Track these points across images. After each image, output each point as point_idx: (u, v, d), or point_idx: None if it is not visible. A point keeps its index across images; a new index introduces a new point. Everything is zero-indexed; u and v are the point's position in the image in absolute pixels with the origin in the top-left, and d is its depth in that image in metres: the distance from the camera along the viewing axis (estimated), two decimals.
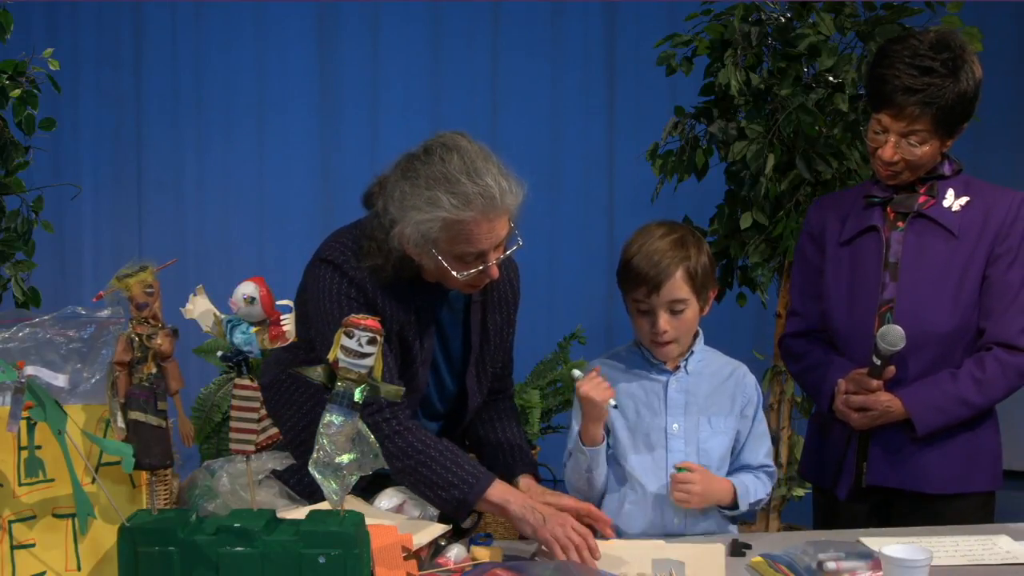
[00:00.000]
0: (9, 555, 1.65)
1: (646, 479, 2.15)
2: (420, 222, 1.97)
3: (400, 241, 2.01)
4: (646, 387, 2.17)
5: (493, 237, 2.00)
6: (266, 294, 1.63)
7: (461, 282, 2.04)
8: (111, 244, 5.38)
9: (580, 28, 5.46)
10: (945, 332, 2.24)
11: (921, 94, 2.16)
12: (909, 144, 2.22)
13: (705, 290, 2.14)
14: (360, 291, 2.06)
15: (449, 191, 1.95)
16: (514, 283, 2.30)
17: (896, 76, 2.18)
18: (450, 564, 1.88)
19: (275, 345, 1.67)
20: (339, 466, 1.64)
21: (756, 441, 2.20)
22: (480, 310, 2.23)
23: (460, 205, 1.94)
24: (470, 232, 1.97)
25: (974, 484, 2.30)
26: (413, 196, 1.98)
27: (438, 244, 1.99)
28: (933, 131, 2.20)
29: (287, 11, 5.33)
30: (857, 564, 1.84)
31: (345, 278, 2.07)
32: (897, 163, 2.25)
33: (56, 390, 1.68)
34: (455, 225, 1.96)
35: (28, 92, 3.29)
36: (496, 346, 2.27)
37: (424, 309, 2.13)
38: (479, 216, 1.96)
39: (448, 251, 1.99)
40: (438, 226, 1.96)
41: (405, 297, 2.10)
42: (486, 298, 2.23)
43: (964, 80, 2.17)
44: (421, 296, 2.12)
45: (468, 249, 1.99)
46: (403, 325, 2.10)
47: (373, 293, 2.06)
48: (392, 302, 2.08)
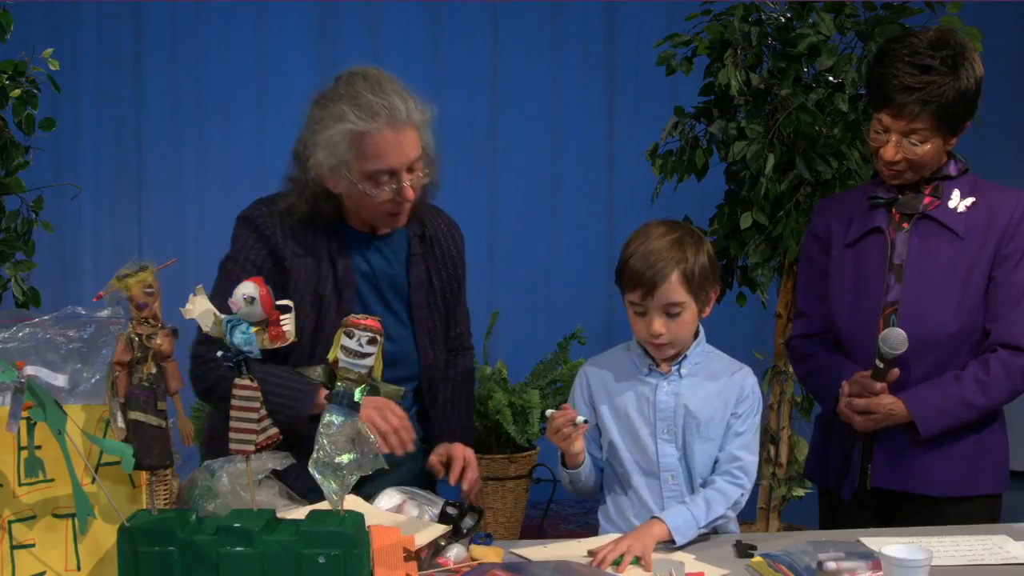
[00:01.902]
0: (9, 555, 1.65)
1: (639, 483, 2.14)
2: (329, 139, 2.04)
3: (316, 171, 2.08)
4: (637, 391, 2.16)
5: (401, 154, 2.05)
6: (266, 294, 1.63)
7: (379, 209, 2.10)
8: (111, 244, 5.38)
9: (580, 28, 5.47)
10: (950, 334, 2.23)
11: (921, 92, 2.15)
12: (911, 143, 2.21)
13: (704, 291, 2.11)
14: (266, 243, 2.13)
15: (353, 104, 2.03)
16: (456, 239, 2.34)
17: (895, 75, 2.17)
18: (450, 564, 1.88)
19: (275, 345, 1.67)
20: (339, 466, 1.64)
21: (732, 437, 2.13)
22: (422, 263, 2.25)
23: (365, 116, 2.01)
24: (377, 146, 2.03)
25: (979, 487, 2.28)
26: (322, 118, 2.06)
27: (349, 164, 2.05)
28: (934, 130, 2.19)
29: (287, 11, 5.33)
30: (857, 564, 1.84)
31: (255, 233, 2.14)
32: (899, 163, 2.24)
33: (56, 390, 1.68)
34: (362, 138, 2.02)
35: (28, 92, 3.29)
36: (446, 302, 2.29)
37: (344, 259, 2.16)
38: (384, 127, 2.02)
39: (360, 170, 2.05)
40: (346, 141, 2.03)
41: (321, 248, 2.15)
42: (427, 251, 2.26)
43: (964, 78, 2.17)
44: (342, 247, 2.16)
45: (378, 166, 2.04)
46: (317, 277, 2.14)
47: (283, 245, 2.12)
48: (303, 254, 2.14)
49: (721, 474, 2.12)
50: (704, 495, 2.08)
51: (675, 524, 2.02)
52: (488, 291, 5.45)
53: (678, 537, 2.01)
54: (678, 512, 2.04)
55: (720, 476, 2.12)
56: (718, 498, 2.08)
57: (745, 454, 2.13)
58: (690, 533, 2.03)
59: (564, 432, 2.05)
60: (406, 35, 5.39)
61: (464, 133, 5.46)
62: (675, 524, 2.02)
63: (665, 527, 2.01)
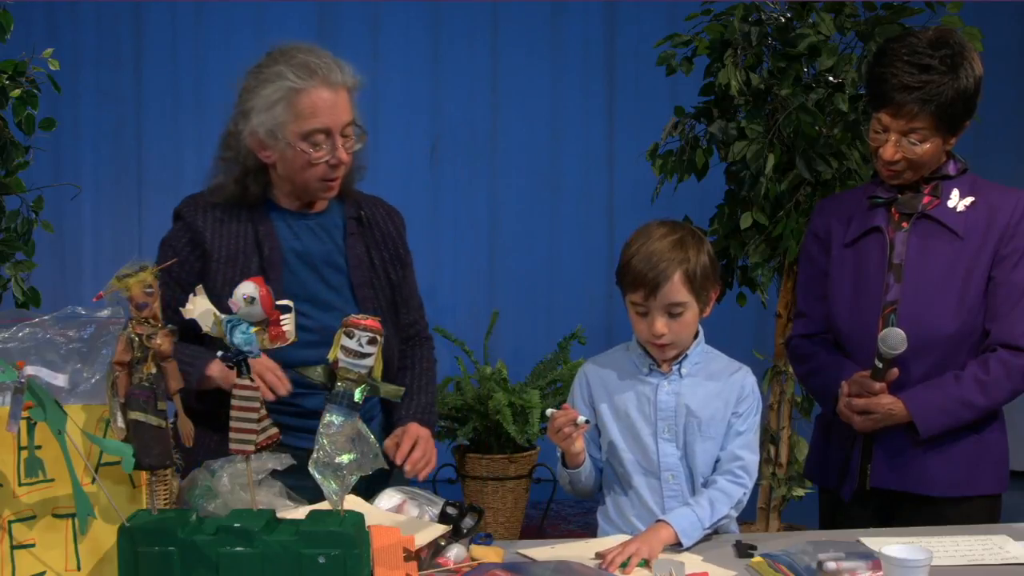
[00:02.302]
0: (9, 555, 1.65)
1: (639, 483, 2.14)
2: (267, 100, 2.09)
3: (251, 140, 2.13)
4: (637, 391, 2.16)
5: (337, 114, 2.11)
6: (266, 294, 1.63)
7: (314, 174, 2.13)
8: (111, 244, 5.38)
9: (580, 28, 5.47)
10: (949, 334, 2.23)
11: (920, 91, 2.15)
12: (910, 143, 2.21)
13: (705, 291, 2.11)
14: (188, 230, 2.18)
15: (291, 64, 2.10)
16: (396, 222, 2.36)
17: (895, 74, 2.17)
18: (450, 564, 1.88)
19: (275, 345, 1.67)
20: (339, 466, 1.64)
21: (733, 437, 2.14)
22: (361, 243, 2.27)
23: (303, 75, 2.08)
24: (314, 104, 2.08)
25: (979, 487, 2.28)
26: (258, 84, 2.11)
27: (286, 125, 2.09)
28: (934, 129, 2.19)
29: (287, 11, 5.33)
30: (857, 564, 1.84)
31: (180, 222, 2.22)
32: (899, 162, 2.24)
33: (56, 390, 1.67)
34: (299, 96, 2.08)
35: (28, 92, 3.29)
36: (391, 283, 2.29)
37: (271, 240, 2.18)
38: (320, 86, 2.09)
39: (296, 130, 2.09)
40: (284, 101, 2.08)
41: (245, 230, 2.18)
42: (364, 232, 2.28)
43: (964, 77, 2.17)
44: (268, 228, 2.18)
45: (314, 125, 2.09)
46: (240, 258, 2.16)
47: (203, 228, 2.17)
48: (225, 237, 2.17)
49: (723, 473, 2.12)
50: (707, 496, 2.08)
51: (681, 527, 2.02)
52: (488, 291, 5.45)
53: (684, 540, 2.01)
54: (683, 514, 2.04)
55: (722, 476, 2.12)
56: (721, 498, 2.08)
57: (746, 453, 2.13)
58: (696, 535, 2.03)
59: (565, 432, 2.05)
60: (406, 35, 5.39)
61: (464, 133, 5.46)
62: (681, 527, 2.02)
63: (672, 530, 2.01)
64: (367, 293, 2.24)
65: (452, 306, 5.39)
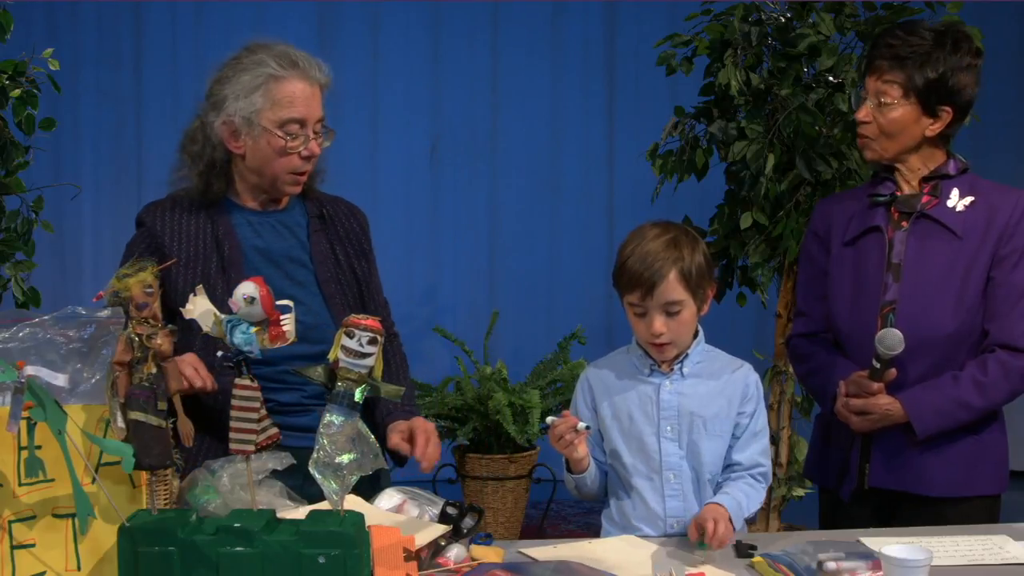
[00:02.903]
0: (9, 555, 1.65)
1: (641, 483, 2.14)
2: (246, 86, 2.12)
3: (223, 128, 2.15)
4: (640, 391, 2.16)
5: (313, 106, 2.15)
6: (266, 294, 1.63)
7: (286, 166, 2.16)
8: (111, 244, 5.38)
9: (580, 28, 5.47)
10: (948, 334, 2.23)
11: (896, 48, 2.22)
12: (882, 103, 2.24)
13: (702, 289, 2.11)
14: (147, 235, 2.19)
15: (271, 54, 2.14)
16: (359, 219, 2.38)
17: (883, 39, 2.26)
18: (450, 564, 1.88)
19: (275, 345, 1.67)
20: (339, 466, 1.64)
21: (750, 438, 2.16)
22: (324, 240, 2.28)
23: (284, 64, 2.13)
24: (293, 94, 2.12)
25: (978, 487, 2.28)
26: (235, 73, 2.14)
27: (262, 112, 2.12)
28: (905, 92, 2.22)
29: (287, 11, 5.33)
30: (857, 564, 1.84)
31: (140, 228, 2.22)
32: (869, 124, 2.27)
33: (56, 390, 1.67)
34: (279, 84, 2.12)
35: (28, 92, 3.29)
36: (357, 279, 2.30)
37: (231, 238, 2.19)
38: (300, 77, 2.14)
39: (273, 118, 2.12)
40: (263, 88, 2.11)
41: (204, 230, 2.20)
42: (327, 228, 2.30)
43: (945, 53, 2.21)
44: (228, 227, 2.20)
45: (292, 114, 2.12)
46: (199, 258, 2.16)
47: (161, 232, 2.18)
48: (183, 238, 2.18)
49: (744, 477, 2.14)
50: (741, 488, 2.11)
51: (730, 506, 2.05)
52: (488, 291, 5.45)
53: (736, 520, 2.04)
54: (725, 499, 2.07)
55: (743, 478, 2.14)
56: (751, 492, 2.12)
57: (765, 460, 2.17)
58: (740, 518, 2.07)
59: (567, 439, 2.05)
60: (406, 35, 5.39)
61: (464, 133, 5.46)
62: (730, 506, 2.05)
63: (724, 509, 2.03)
64: (333, 288, 2.25)
65: (452, 306, 5.40)
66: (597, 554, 2.00)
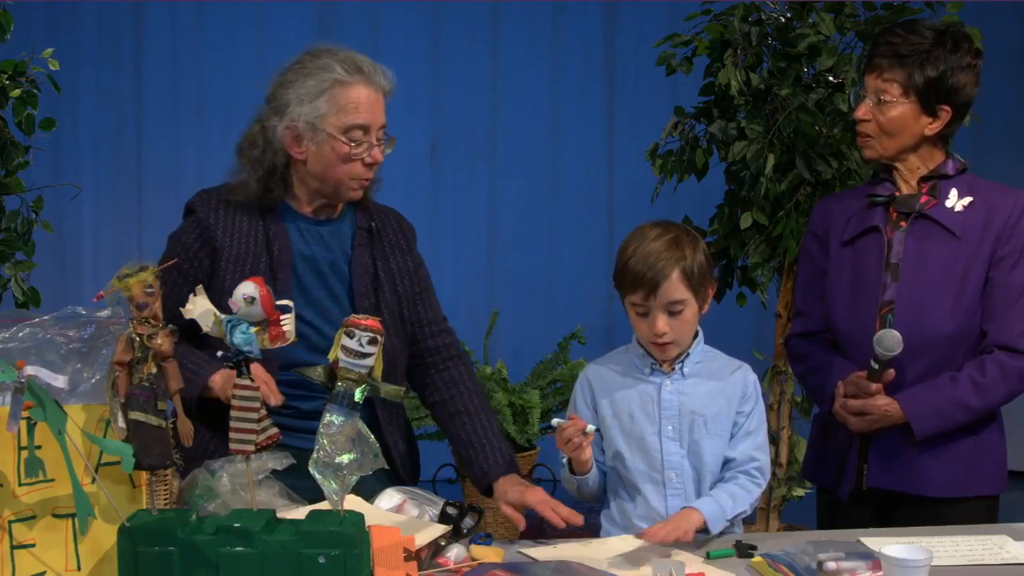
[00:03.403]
0: (9, 555, 1.65)
1: (643, 482, 2.14)
2: (312, 90, 2.11)
3: (287, 132, 2.13)
4: (641, 391, 2.16)
5: (377, 113, 2.15)
6: (266, 294, 1.63)
7: (347, 172, 2.14)
8: (111, 244, 5.38)
9: (580, 28, 5.46)
10: (946, 334, 2.23)
11: (896, 47, 2.22)
12: (881, 101, 2.24)
13: (703, 288, 2.12)
14: (198, 225, 2.18)
15: (337, 59, 2.13)
16: (407, 235, 2.35)
17: (883, 38, 2.26)
18: (450, 564, 1.88)
19: (275, 345, 1.67)
20: (339, 466, 1.64)
21: (744, 436, 2.15)
22: (368, 254, 2.26)
23: (350, 69, 2.12)
24: (358, 99, 2.12)
25: (976, 488, 2.28)
26: (301, 76, 2.13)
27: (327, 119, 2.10)
28: (904, 90, 2.22)
29: (287, 11, 5.33)
30: (857, 564, 1.84)
31: (191, 216, 2.21)
32: (869, 122, 2.27)
33: (56, 390, 1.68)
34: (345, 90, 2.11)
35: (28, 92, 3.29)
36: (399, 296, 2.27)
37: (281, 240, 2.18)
38: (365, 83, 2.13)
39: (337, 124, 2.11)
40: (328, 92, 2.10)
41: (256, 229, 2.18)
42: (373, 243, 2.27)
43: (946, 53, 2.22)
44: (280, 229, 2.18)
45: (356, 120, 2.11)
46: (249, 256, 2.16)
47: (215, 224, 2.17)
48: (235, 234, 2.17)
49: (740, 473, 2.14)
50: (728, 489, 2.10)
51: (709, 513, 2.04)
52: (488, 291, 5.45)
53: (713, 526, 2.04)
54: (707, 503, 2.06)
55: (740, 475, 2.14)
56: (742, 494, 2.11)
57: (761, 454, 2.16)
58: (720, 524, 2.06)
59: (575, 442, 2.04)
60: (406, 35, 5.39)
61: (464, 133, 5.46)
62: (709, 513, 2.04)
63: (700, 515, 2.03)
64: (367, 304, 2.23)
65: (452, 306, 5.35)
66: (597, 554, 2.00)
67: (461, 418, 2.29)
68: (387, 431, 2.26)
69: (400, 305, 2.28)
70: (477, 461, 2.22)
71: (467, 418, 2.29)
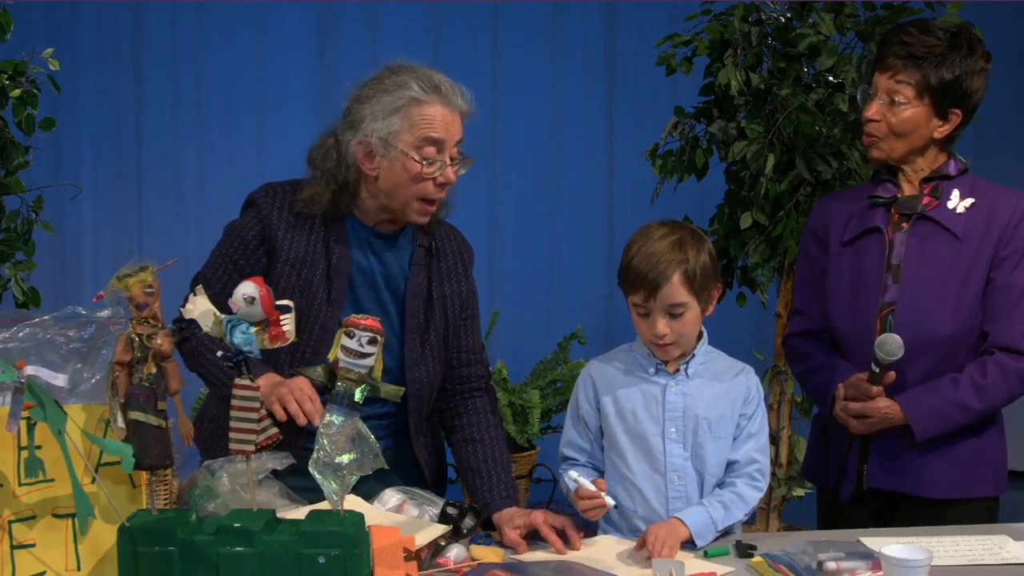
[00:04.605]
0: (9, 555, 1.65)
1: (645, 483, 2.14)
2: (387, 106, 2.08)
3: (361, 147, 2.10)
4: (644, 391, 2.16)
5: (453, 130, 2.12)
6: (266, 294, 1.63)
7: (418, 192, 2.11)
8: (111, 244, 5.38)
9: (580, 28, 5.46)
10: (947, 335, 2.23)
11: (911, 47, 2.20)
12: (893, 102, 2.22)
13: (706, 291, 2.11)
14: (259, 221, 2.16)
15: (415, 76, 2.11)
16: (465, 260, 2.33)
17: (898, 36, 2.24)
18: (450, 564, 1.88)
19: (275, 345, 1.67)
20: (339, 466, 1.64)
21: (746, 438, 2.15)
22: (424, 274, 2.24)
23: (427, 88, 2.10)
24: (433, 116, 2.09)
25: (976, 489, 2.28)
26: (377, 93, 2.11)
27: (400, 135, 2.08)
28: (918, 93, 2.21)
29: (287, 11, 5.33)
30: (857, 564, 1.84)
31: (252, 210, 2.19)
32: (879, 123, 2.25)
33: (56, 390, 1.68)
34: (420, 107, 2.08)
35: (28, 92, 3.29)
36: (447, 320, 2.26)
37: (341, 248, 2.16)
38: (442, 101, 2.11)
39: (410, 141, 2.08)
40: (403, 109, 2.08)
41: (317, 235, 2.16)
42: (431, 263, 2.25)
43: (960, 56, 2.20)
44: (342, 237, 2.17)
45: (431, 134, 2.08)
46: (307, 262, 2.14)
47: (276, 224, 2.15)
48: (296, 237, 2.15)
49: (740, 476, 2.13)
50: (722, 498, 2.09)
51: (695, 526, 2.03)
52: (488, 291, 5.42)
53: (698, 540, 2.02)
54: (697, 514, 2.05)
55: (739, 479, 2.13)
56: (737, 502, 2.10)
57: (761, 456, 2.15)
58: (708, 536, 2.04)
59: (591, 514, 2.03)
60: (406, 35, 5.39)
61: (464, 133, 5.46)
62: (695, 526, 2.03)
63: (686, 528, 2.02)
64: (415, 323, 2.21)
65: None
66: (597, 554, 2.00)
67: (475, 446, 2.28)
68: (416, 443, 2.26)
69: (447, 330, 2.27)
70: (482, 490, 2.21)
71: (480, 447, 2.28)
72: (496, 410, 2.36)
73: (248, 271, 2.11)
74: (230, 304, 1.65)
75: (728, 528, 2.11)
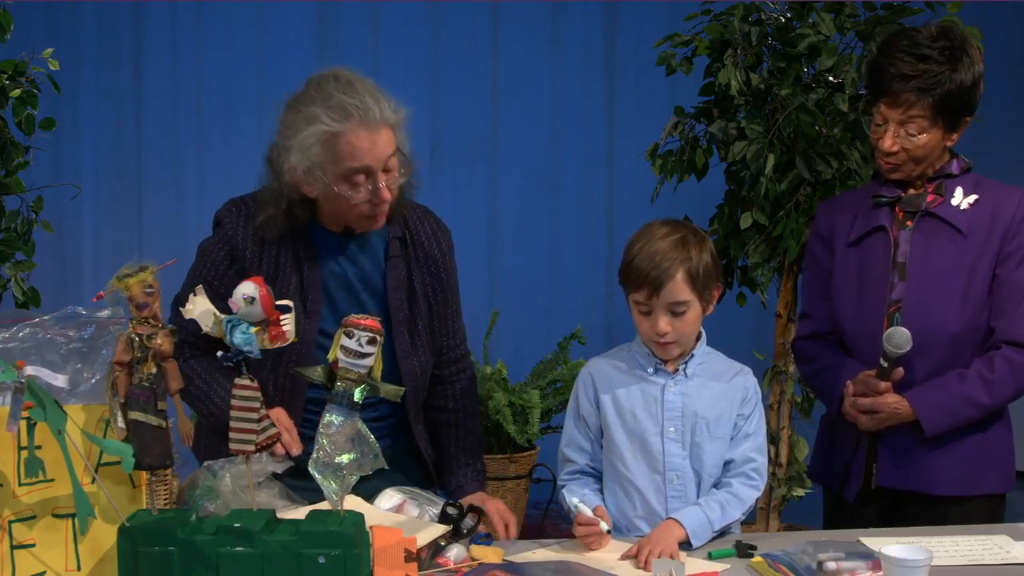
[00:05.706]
0: (9, 555, 1.65)
1: (643, 483, 2.14)
2: (303, 142, 2.02)
3: (291, 175, 2.06)
4: (644, 390, 2.16)
5: (377, 152, 2.03)
6: (266, 294, 1.64)
7: (356, 211, 2.08)
8: (111, 244, 5.38)
9: (580, 28, 5.47)
10: (954, 332, 2.23)
11: (917, 80, 2.17)
12: (908, 133, 2.22)
13: (707, 290, 2.11)
14: (227, 242, 2.14)
15: (326, 106, 2.01)
16: (441, 244, 2.31)
17: (893, 64, 2.20)
18: (450, 564, 1.88)
19: (275, 345, 1.67)
20: (339, 466, 1.64)
21: (743, 438, 2.15)
22: (402, 266, 2.23)
23: (338, 117, 2.00)
24: (351, 145, 2.01)
25: (984, 486, 2.28)
26: (294, 122, 2.04)
27: (324, 166, 2.02)
28: (931, 120, 2.20)
29: (287, 11, 5.33)
30: (857, 564, 1.84)
31: (219, 230, 2.16)
32: (897, 153, 2.25)
33: (56, 390, 1.67)
34: (335, 139, 2.00)
35: (28, 92, 3.29)
36: (430, 307, 2.26)
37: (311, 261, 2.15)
38: (357, 127, 2.01)
39: (334, 172, 2.03)
40: (320, 143, 2.01)
41: (286, 252, 2.14)
42: (407, 253, 2.24)
43: (962, 70, 2.18)
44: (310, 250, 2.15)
45: (353, 164, 2.02)
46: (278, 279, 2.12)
47: (243, 245, 2.13)
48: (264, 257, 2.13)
49: (737, 476, 2.13)
50: (719, 498, 2.09)
51: (692, 527, 2.03)
52: (488, 291, 5.45)
53: (695, 540, 2.03)
54: (693, 514, 2.05)
55: (736, 478, 2.13)
56: (733, 501, 2.10)
57: (758, 456, 2.16)
58: (705, 536, 2.05)
59: (587, 542, 2.04)
60: (406, 35, 5.39)
61: (464, 133, 5.46)
62: (692, 527, 2.03)
63: (683, 529, 2.02)
64: (401, 317, 2.21)
65: None
66: (597, 554, 2.00)
67: (453, 430, 2.35)
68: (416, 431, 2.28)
69: (432, 318, 2.27)
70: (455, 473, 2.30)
71: (455, 431, 2.35)
72: (476, 392, 2.42)
73: (223, 291, 2.09)
74: (230, 304, 1.65)
75: (725, 528, 2.11)
